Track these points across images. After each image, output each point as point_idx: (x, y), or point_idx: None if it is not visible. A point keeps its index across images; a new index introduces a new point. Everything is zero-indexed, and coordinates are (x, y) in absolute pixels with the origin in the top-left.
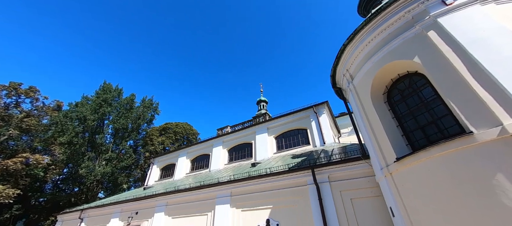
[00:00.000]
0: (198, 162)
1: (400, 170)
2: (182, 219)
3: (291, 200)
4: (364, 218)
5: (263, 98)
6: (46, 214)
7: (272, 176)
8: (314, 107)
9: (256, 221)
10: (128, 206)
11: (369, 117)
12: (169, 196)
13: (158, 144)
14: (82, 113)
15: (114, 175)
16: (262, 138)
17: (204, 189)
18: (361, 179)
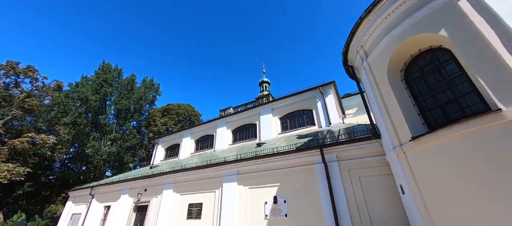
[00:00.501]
0: (202, 142)
1: (415, 149)
2: (190, 195)
3: (299, 179)
4: (372, 195)
5: (266, 79)
6: (57, 191)
7: (280, 156)
8: (321, 88)
9: (264, 198)
10: (137, 183)
11: (383, 95)
12: (176, 174)
13: (161, 125)
14: (83, 93)
15: (119, 154)
16: (266, 119)
17: (211, 168)
18: (370, 158)
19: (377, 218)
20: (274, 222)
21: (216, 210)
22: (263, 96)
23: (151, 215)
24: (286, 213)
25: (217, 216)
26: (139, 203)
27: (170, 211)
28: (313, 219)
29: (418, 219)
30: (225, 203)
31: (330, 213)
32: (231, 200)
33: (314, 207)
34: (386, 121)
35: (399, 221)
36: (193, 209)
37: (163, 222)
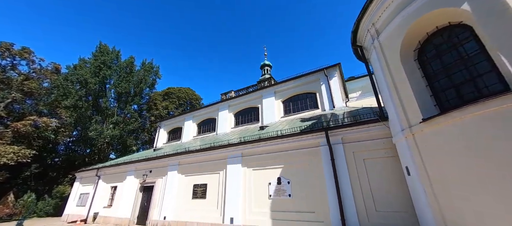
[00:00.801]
0: (204, 125)
1: (425, 130)
2: (195, 177)
3: (303, 160)
4: (375, 176)
5: (267, 62)
6: (64, 173)
7: (284, 138)
8: (325, 70)
9: (267, 179)
10: (142, 165)
11: (394, 76)
12: (180, 156)
13: (162, 109)
14: (82, 76)
15: (122, 137)
16: (269, 102)
17: (216, 150)
18: (375, 141)
19: (380, 198)
20: (278, 202)
21: (221, 190)
22: (265, 79)
23: (157, 195)
24: (290, 193)
25: (222, 196)
26: (145, 184)
27: (176, 191)
28: (317, 199)
29: (423, 199)
30: (229, 184)
31: (333, 193)
32: (235, 181)
33: (317, 187)
34: (395, 102)
35: (402, 201)
36: (198, 189)
37: (169, 202)
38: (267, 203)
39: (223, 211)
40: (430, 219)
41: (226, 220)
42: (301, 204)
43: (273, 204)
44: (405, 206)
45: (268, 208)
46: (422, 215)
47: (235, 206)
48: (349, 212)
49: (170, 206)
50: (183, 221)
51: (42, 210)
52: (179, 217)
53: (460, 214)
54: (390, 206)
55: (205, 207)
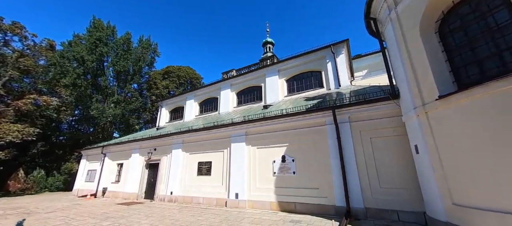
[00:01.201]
0: (206, 104)
1: (440, 108)
2: (199, 155)
3: (308, 139)
4: (382, 155)
5: (270, 39)
6: (70, 150)
7: (290, 117)
8: (332, 47)
9: (272, 157)
10: (146, 143)
11: (411, 50)
12: (184, 135)
13: (162, 88)
14: (78, 53)
15: (124, 117)
16: (272, 81)
17: (219, 129)
18: (383, 119)
19: (384, 175)
20: (282, 179)
21: (225, 167)
22: (267, 58)
23: (162, 172)
24: (294, 171)
25: (226, 173)
26: (150, 161)
27: (181, 168)
28: (321, 176)
29: (431, 177)
30: (233, 162)
31: (338, 171)
32: (240, 159)
33: (322, 165)
34: (409, 79)
35: (406, 178)
36: (203, 167)
37: (175, 178)
38: (272, 180)
39: (228, 187)
40: (436, 196)
41: (231, 196)
42: (305, 181)
43: (278, 181)
44: (409, 183)
45: (272, 184)
46: (427, 192)
47: (240, 183)
48: (353, 188)
49: (176, 182)
50: (189, 196)
51: (53, 185)
52: (185, 193)
53: (467, 193)
54: (394, 183)
55: (210, 183)
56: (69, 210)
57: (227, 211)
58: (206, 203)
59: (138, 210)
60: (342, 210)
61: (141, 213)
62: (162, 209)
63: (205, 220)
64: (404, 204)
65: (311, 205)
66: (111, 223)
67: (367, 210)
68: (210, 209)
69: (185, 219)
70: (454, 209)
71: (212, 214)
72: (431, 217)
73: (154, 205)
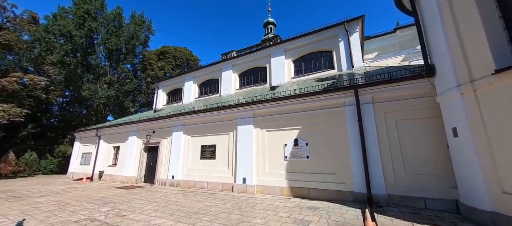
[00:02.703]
0: (206, 86)
1: (495, 84)
2: (202, 138)
3: (324, 121)
4: (408, 138)
5: (271, 20)
6: (62, 133)
7: (304, 97)
8: (346, 24)
9: (283, 141)
10: (144, 125)
11: (458, 18)
12: (185, 117)
13: (158, 69)
14: (65, 28)
15: (119, 98)
16: (278, 61)
17: (224, 110)
18: (412, 100)
19: (410, 160)
20: (294, 163)
21: (231, 151)
22: (269, 39)
23: (163, 155)
24: (308, 155)
25: (232, 157)
26: (149, 144)
27: (182, 152)
28: (338, 161)
29: (474, 163)
30: (240, 145)
31: (358, 155)
32: (247, 142)
33: (339, 149)
34: (454, 53)
35: (436, 164)
36: (206, 150)
37: (176, 162)
38: (282, 165)
39: (235, 171)
40: (479, 183)
41: (238, 180)
42: (320, 166)
43: (289, 165)
44: (439, 169)
45: (283, 169)
46: (466, 179)
47: (247, 167)
48: (374, 174)
49: (178, 166)
50: (192, 180)
51: (46, 168)
52: (187, 177)
53: None
54: (421, 168)
55: (215, 167)
56: (63, 194)
57: (235, 196)
58: (211, 187)
59: (139, 194)
60: (361, 196)
61: (142, 197)
62: (165, 193)
63: (215, 206)
64: (432, 191)
65: (327, 191)
66: (111, 208)
67: (390, 197)
68: (216, 194)
69: (192, 204)
70: (503, 198)
71: (220, 200)
72: (468, 206)
73: (155, 189)
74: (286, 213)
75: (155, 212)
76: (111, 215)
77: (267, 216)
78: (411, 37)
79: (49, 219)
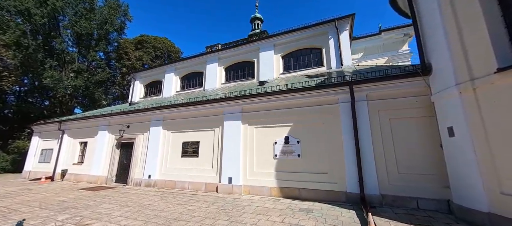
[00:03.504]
0: (189, 80)
1: (496, 83)
2: (184, 134)
3: (316, 118)
4: (401, 137)
5: (258, 15)
6: (19, 127)
7: (297, 92)
8: (337, 21)
9: (273, 138)
10: (117, 119)
11: (459, 15)
12: (166, 110)
13: (135, 59)
14: (22, 4)
15: (89, 89)
16: (267, 56)
17: (210, 104)
18: (406, 99)
19: (403, 160)
20: (285, 162)
21: (216, 149)
22: (255, 34)
23: (138, 152)
24: (299, 154)
25: (218, 155)
26: (122, 140)
27: (161, 149)
28: (331, 160)
29: (472, 163)
30: (227, 142)
31: (352, 154)
32: (234, 139)
33: (332, 148)
34: (454, 50)
35: (429, 163)
36: (189, 147)
37: (153, 160)
38: (272, 163)
39: (220, 170)
40: (476, 184)
41: (224, 180)
42: (312, 165)
43: (279, 164)
44: (431, 168)
45: (273, 168)
46: (461, 179)
47: (234, 166)
48: (368, 173)
49: (155, 164)
50: (171, 180)
51: None
52: (166, 176)
53: None
54: (414, 168)
55: (198, 166)
56: (12, 198)
57: (220, 198)
58: (193, 188)
59: (108, 197)
60: (354, 197)
61: (112, 201)
62: (139, 196)
63: (198, 210)
64: (425, 191)
65: (319, 191)
66: (71, 215)
67: (383, 197)
68: (198, 195)
69: (171, 208)
70: (502, 199)
71: (203, 202)
72: (463, 206)
73: (129, 191)
74: (278, 216)
75: (127, 219)
76: (69, 225)
77: (258, 221)
78: (394, 40)
79: None
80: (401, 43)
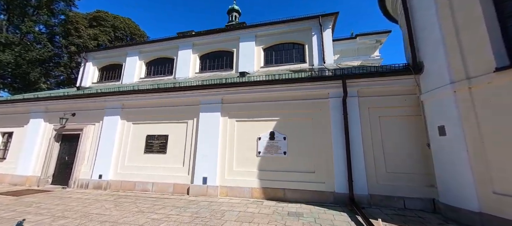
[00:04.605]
0: (157, 66)
1: (494, 83)
2: (150, 126)
3: (304, 113)
4: (390, 136)
5: (236, 7)
6: None
7: (288, 83)
8: (321, 18)
9: (257, 133)
10: (58, 104)
11: (457, 14)
12: (126, 96)
13: (88, 38)
14: None
15: (21, 68)
16: (248, 47)
17: (184, 92)
18: (395, 97)
19: (391, 159)
20: (269, 160)
21: (189, 144)
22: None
23: (87, 146)
24: (285, 151)
25: (190, 151)
26: (64, 131)
27: (117, 143)
28: (319, 158)
29: (463, 162)
30: (202, 137)
31: (342, 152)
32: (212, 133)
33: (320, 145)
34: (450, 49)
35: (415, 162)
36: (154, 142)
37: (107, 156)
38: (255, 161)
39: (193, 169)
40: (467, 183)
41: (197, 180)
42: (299, 163)
43: (263, 162)
44: (417, 167)
45: (255, 167)
46: (451, 179)
47: (210, 164)
48: (357, 173)
49: (110, 161)
50: (130, 181)
51: None
52: (124, 176)
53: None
54: (400, 167)
55: (165, 164)
56: None
57: (192, 202)
58: (158, 189)
59: (38, 204)
60: (342, 197)
61: (43, 210)
62: (84, 202)
63: (166, 219)
64: (411, 191)
65: (305, 192)
66: None
67: (372, 197)
68: (164, 199)
69: (130, 219)
70: (494, 198)
71: (172, 207)
72: (451, 205)
73: (70, 195)
74: (267, 224)
75: None
76: None
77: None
78: (368, 45)
79: None
80: (373, 49)
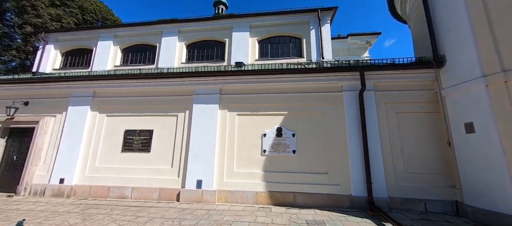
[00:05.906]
0: (135, 53)
1: None
2: (130, 118)
3: (315, 108)
4: (408, 133)
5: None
6: None
7: (298, 74)
8: (320, 12)
9: (261, 129)
10: (4, 90)
11: (490, 8)
12: (100, 82)
13: (49, 18)
14: None
15: None
16: (241, 37)
17: (175, 80)
18: (413, 92)
19: (409, 158)
20: (276, 160)
21: (180, 141)
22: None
23: (44, 143)
24: (294, 149)
25: (181, 149)
26: (13, 123)
27: (85, 138)
28: (332, 157)
29: (498, 161)
30: (196, 132)
31: (359, 152)
32: (208, 128)
33: (334, 143)
34: (481, 42)
35: (435, 162)
36: (135, 138)
37: (71, 154)
38: (259, 161)
39: (184, 171)
40: (502, 184)
41: (189, 184)
42: (311, 164)
43: (268, 162)
44: (438, 167)
45: (260, 167)
46: (478, 179)
47: (206, 165)
48: (376, 174)
49: (75, 161)
50: (103, 186)
51: None
52: (94, 180)
53: None
54: (420, 167)
55: (149, 164)
56: None
57: (185, 210)
58: (139, 196)
59: None
60: (360, 201)
61: None
62: (38, 214)
63: None
64: (432, 192)
65: (318, 196)
66: None
67: (392, 200)
68: (149, 207)
69: None
70: None
71: (161, 220)
72: (480, 208)
73: (17, 206)
74: None
75: None
76: None
77: None
78: (358, 45)
79: None
80: (363, 50)
